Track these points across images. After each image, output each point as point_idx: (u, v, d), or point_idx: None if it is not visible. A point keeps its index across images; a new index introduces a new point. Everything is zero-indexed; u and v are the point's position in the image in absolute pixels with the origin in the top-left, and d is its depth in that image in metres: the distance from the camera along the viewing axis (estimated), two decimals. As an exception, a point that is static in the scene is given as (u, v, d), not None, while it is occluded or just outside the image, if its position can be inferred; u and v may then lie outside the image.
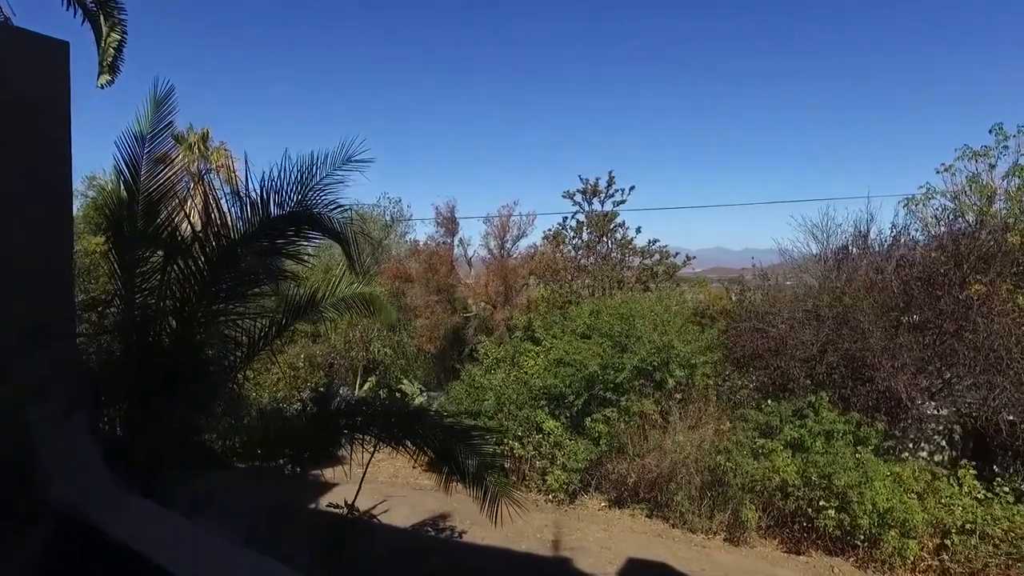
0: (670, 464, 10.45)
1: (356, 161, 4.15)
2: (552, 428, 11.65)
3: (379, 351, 14.49)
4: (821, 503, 8.96)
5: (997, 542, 8.65)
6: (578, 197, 17.69)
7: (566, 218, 18.11)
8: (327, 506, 5.83)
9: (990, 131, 12.66)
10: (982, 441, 10.62)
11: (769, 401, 10.71)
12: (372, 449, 5.10)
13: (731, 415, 10.89)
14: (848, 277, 12.06)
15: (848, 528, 8.81)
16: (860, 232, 12.65)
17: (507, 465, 11.41)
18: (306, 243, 4.21)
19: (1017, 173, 12.12)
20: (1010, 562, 8.67)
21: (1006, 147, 12.45)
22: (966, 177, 12.64)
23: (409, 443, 4.43)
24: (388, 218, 23.26)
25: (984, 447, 10.64)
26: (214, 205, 4.02)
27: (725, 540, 9.73)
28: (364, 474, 5.59)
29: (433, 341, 16.25)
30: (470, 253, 20.20)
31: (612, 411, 11.24)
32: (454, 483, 4.97)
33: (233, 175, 20.26)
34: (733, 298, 14.55)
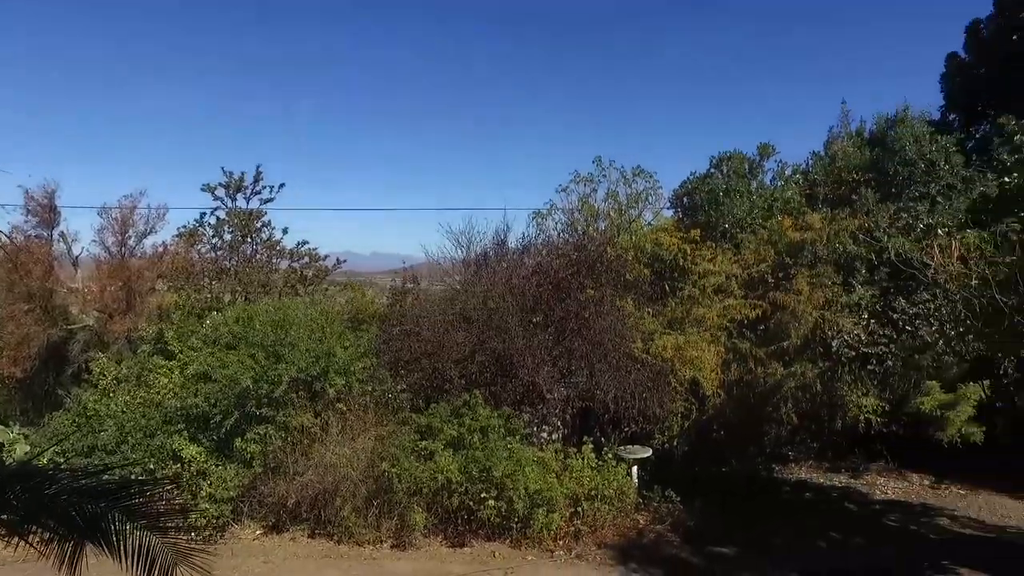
0: (333, 478, 9.98)
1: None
2: (194, 455, 10.15)
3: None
4: (483, 495, 9.56)
5: (611, 500, 10.39)
6: (220, 192, 15.81)
7: (204, 214, 16.04)
8: None
9: (593, 161, 15.25)
10: (586, 417, 12.64)
11: (429, 403, 11.05)
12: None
13: (392, 419, 10.90)
14: (490, 281, 13.16)
15: (505, 514, 9.57)
16: (499, 240, 13.96)
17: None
18: None
19: (612, 197, 14.84)
20: (618, 514, 10.53)
21: (604, 176, 15.14)
22: (578, 198, 14.98)
23: (30, 522, 3.16)
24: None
25: (586, 421, 12.67)
26: None
27: (393, 547, 9.69)
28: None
29: (20, 362, 12.71)
30: (77, 251, 16.41)
31: (267, 428, 10.28)
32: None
33: None
34: (386, 301, 14.70)
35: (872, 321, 12.38)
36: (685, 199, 15.28)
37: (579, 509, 10.07)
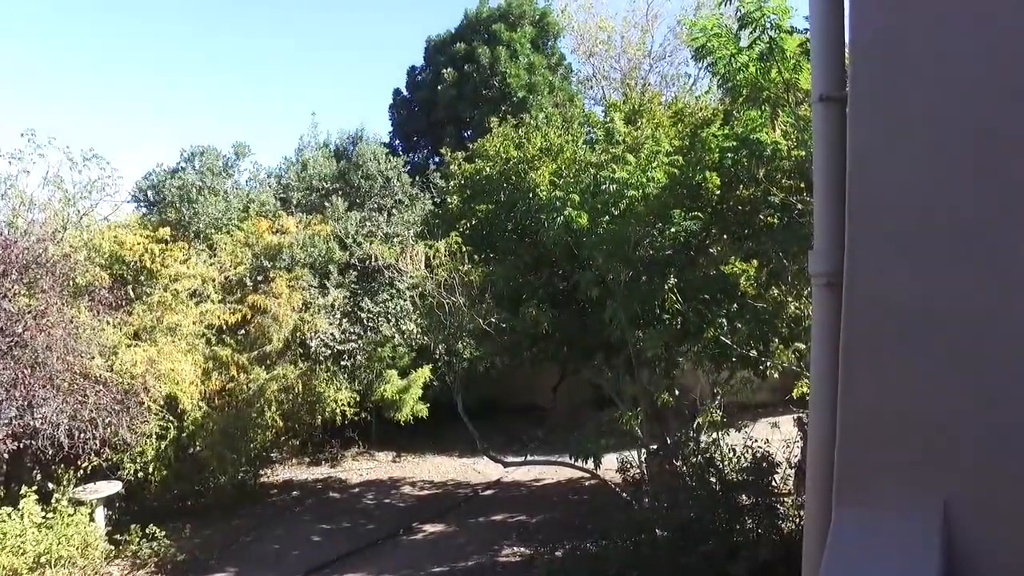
0: None
1: None
2: None
3: None
4: None
5: (72, 561, 8.50)
6: None
7: None
8: None
9: (23, 135, 12.04)
10: (22, 460, 10.12)
11: None
12: None
13: None
14: None
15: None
16: None
17: None
18: None
19: (56, 184, 12.09)
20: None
21: (42, 155, 12.14)
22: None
23: None
24: None
25: (23, 466, 10.16)
26: None
27: None
28: None
29: None
30: None
31: None
32: None
33: None
34: None
35: (344, 320, 13.56)
36: (151, 193, 13.65)
37: (26, 586, 7.88)
